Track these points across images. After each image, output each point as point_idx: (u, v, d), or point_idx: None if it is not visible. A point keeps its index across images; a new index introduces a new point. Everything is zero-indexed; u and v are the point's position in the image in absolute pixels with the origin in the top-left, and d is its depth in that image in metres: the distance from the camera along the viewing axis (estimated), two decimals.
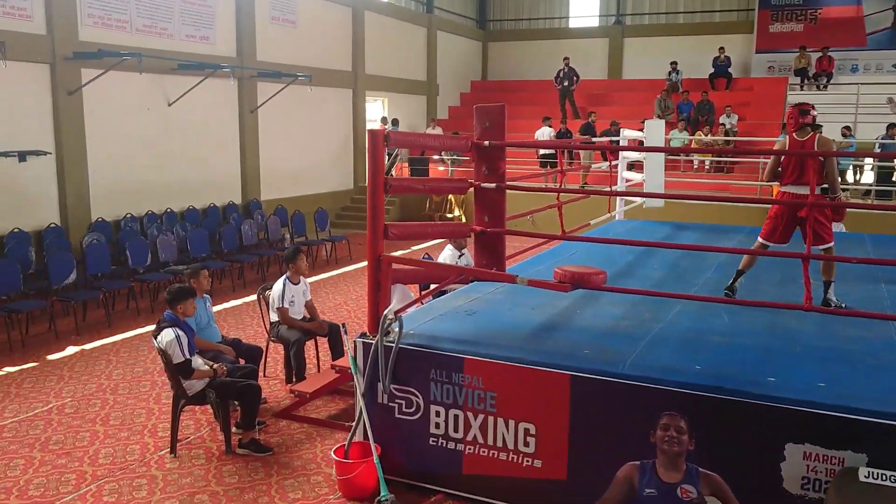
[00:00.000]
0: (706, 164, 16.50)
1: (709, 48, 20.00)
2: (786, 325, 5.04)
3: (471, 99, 21.51)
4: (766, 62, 20.63)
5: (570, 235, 5.63)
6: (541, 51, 22.39)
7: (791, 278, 6.41)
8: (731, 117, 17.26)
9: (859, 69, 19.75)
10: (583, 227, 7.78)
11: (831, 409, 3.65)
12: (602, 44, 22.39)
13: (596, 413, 4.20)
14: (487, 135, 4.72)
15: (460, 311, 5.41)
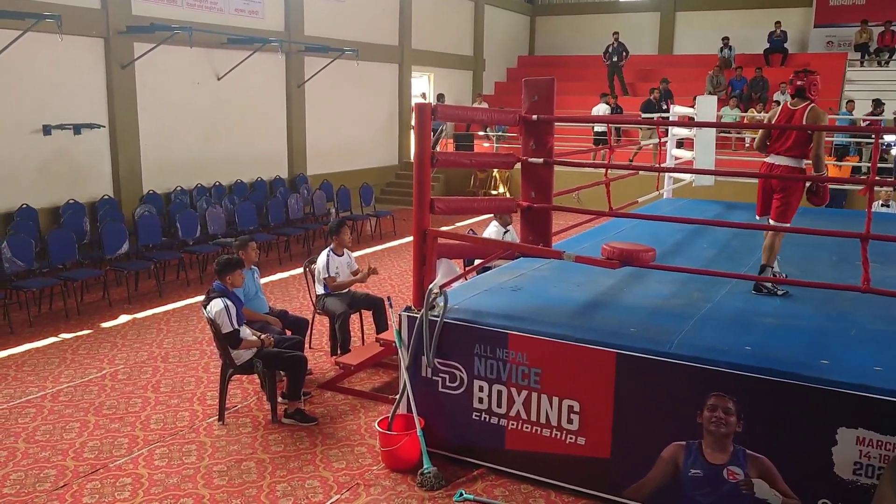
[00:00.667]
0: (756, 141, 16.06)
1: (764, 22, 19.37)
2: (840, 308, 4.91)
3: (517, 74, 21.24)
4: (825, 37, 19.91)
5: (617, 212, 5.53)
6: (589, 25, 21.97)
7: (847, 259, 6.24)
8: (785, 95, 16.74)
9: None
10: (630, 204, 7.65)
11: (887, 394, 3.55)
12: (653, 18, 21.85)
13: (641, 392, 4.15)
14: (536, 109, 4.65)
15: (505, 287, 5.39)
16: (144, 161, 11.16)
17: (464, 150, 16.53)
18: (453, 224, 13.61)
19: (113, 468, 4.76)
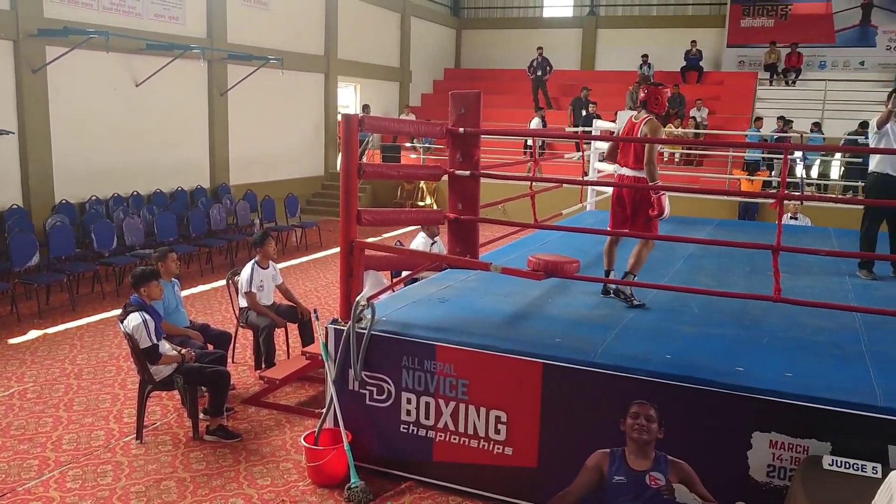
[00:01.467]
0: (676, 156, 16.65)
1: (681, 41, 20.13)
2: (754, 316, 5.11)
3: (444, 87, 21.42)
4: (737, 56, 20.85)
5: (542, 224, 5.62)
6: (514, 40, 22.34)
7: (759, 269, 6.52)
8: (701, 111, 17.43)
9: (827, 66, 20.04)
10: (555, 216, 7.79)
11: (797, 399, 3.71)
12: (576, 34, 22.42)
13: (567, 401, 4.22)
14: (462, 121, 4.69)
15: (433, 299, 5.39)
16: (57, 169, 10.70)
17: (391, 161, 16.55)
18: (380, 235, 13.56)
19: (21, 492, 4.52)
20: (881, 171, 6.49)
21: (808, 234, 9.06)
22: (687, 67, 19.83)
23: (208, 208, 11.85)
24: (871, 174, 6.64)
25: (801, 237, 8.56)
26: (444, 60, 23.06)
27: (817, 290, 5.98)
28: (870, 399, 3.69)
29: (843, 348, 4.50)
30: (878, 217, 6.62)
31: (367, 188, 16.70)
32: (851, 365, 4.19)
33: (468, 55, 23.68)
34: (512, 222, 5.49)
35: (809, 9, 20.19)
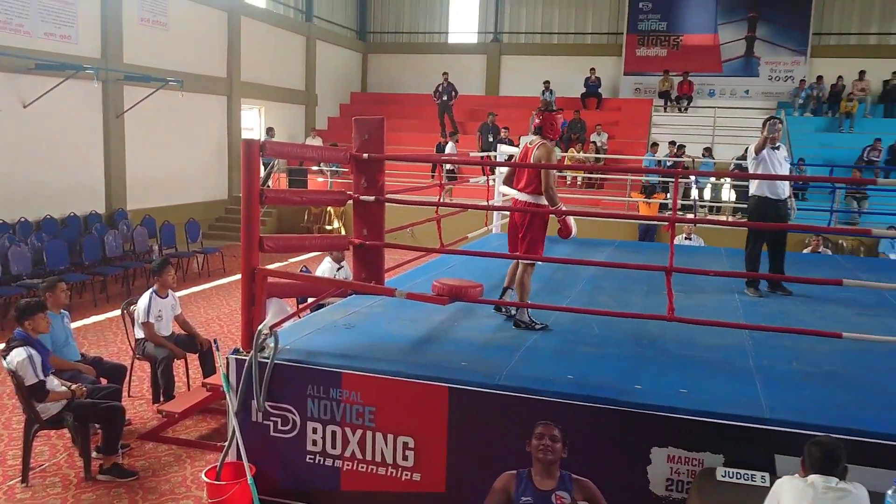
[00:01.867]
0: (578, 180, 17.16)
1: (581, 69, 20.85)
2: (651, 335, 5.29)
3: (350, 110, 21.39)
4: (634, 84, 21.77)
5: (447, 249, 5.67)
6: (420, 64, 22.59)
7: (656, 289, 6.76)
8: (601, 136, 18.06)
9: (716, 94, 21.19)
10: (461, 240, 7.88)
11: (691, 414, 3.87)
12: (480, 60, 22.88)
13: (474, 424, 4.24)
14: (366, 147, 4.69)
15: (338, 325, 5.34)
16: None
17: (297, 185, 16.35)
18: (286, 260, 13.33)
19: None
20: (760, 195, 6.88)
21: (701, 254, 9.49)
22: (587, 94, 20.54)
23: (103, 235, 11.35)
24: (751, 197, 7.02)
25: (695, 257, 8.96)
26: (350, 84, 23.05)
27: (709, 307, 6.25)
28: (757, 412, 3.88)
29: (732, 364, 4.72)
30: (760, 238, 7.01)
31: (273, 212, 16.41)
32: (740, 380, 4.40)
33: (375, 79, 23.77)
34: (417, 247, 5.51)
35: (699, 40, 21.34)
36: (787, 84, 20.59)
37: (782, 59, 20.79)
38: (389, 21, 23.78)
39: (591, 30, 22.35)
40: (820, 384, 4.38)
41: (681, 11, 21.46)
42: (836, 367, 4.69)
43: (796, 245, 12.31)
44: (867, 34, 20.52)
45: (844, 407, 3.99)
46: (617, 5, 21.87)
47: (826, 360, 4.80)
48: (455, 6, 23.34)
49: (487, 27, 23.05)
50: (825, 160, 16.24)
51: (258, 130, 18.27)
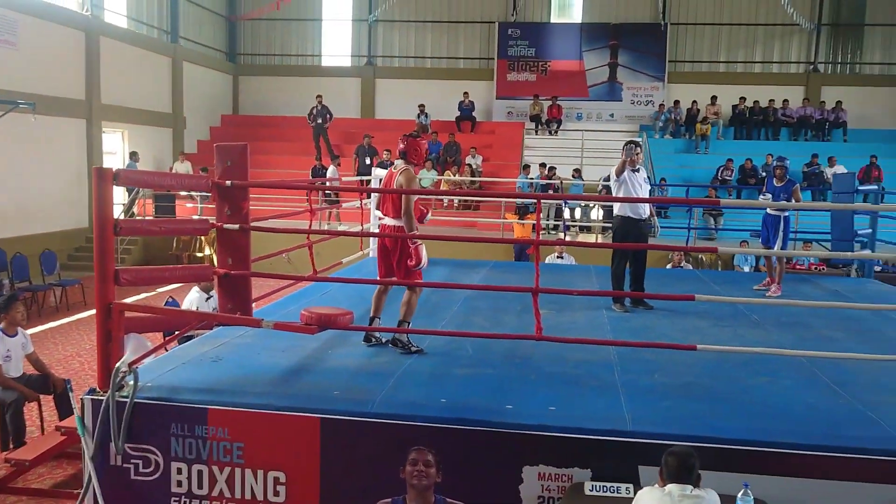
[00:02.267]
0: (455, 201, 17.43)
1: (455, 92, 21.28)
2: (523, 354, 5.39)
3: (221, 133, 20.81)
4: (506, 108, 22.42)
5: (317, 276, 5.59)
6: (294, 87, 22.32)
7: (529, 308, 6.91)
8: (476, 158, 18.45)
9: (583, 117, 22.16)
10: (335, 265, 7.78)
11: (559, 431, 3.96)
12: (355, 83, 22.89)
13: (347, 454, 4.16)
14: (229, 174, 4.56)
15: (205, 358, 5.11)
16: None
17: (165, 212, 15.69)
18: (153, 290, 12.71)
19: None
20: (623, 214, 7.23)
21: (572, 272, 9.84)
22: (461, 117, 20.96)
23: None
24: (615, 217, 7.37)
25: (566, 275, 9.28)
26: (220, 106, 22.44)
27: (579, 324, 6.46)
28: (621, 425, 4.03)
29: (599, 379, 4.88)
30: (624, 255, 7.34)
31: (139, 240, 15.66)
32: (606, 394, 4.55)
33: (247, 101, 23.26)
34: (286, 275, 5.38)
35: (565, 66, 22.29)
36: (647, 108, 21.83)
37: (642, 84, 22.04)
38: (260, 43, 23.38)
39: (464, 54, 22.88)
40: (678, 395, 4.59)
41: (548, 39, 22.38)
42: (693, 377, 4.94)
43: (660, 261, 13.01)
44: (717, 62, 22.11)
45: (700, 416, 4.21)
46: (487, 32, 22.51)
47: (685, 372, 5.05)
48: (328, 29, 23.28)
49: (361, 50, 23.12)
50: (684, 179, 17.30)
51: (121, 155, 17.43)
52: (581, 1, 22.43)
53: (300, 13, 22.65)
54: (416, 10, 22.69)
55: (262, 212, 10.72)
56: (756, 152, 17.68)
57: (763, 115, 20.24)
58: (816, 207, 13.89)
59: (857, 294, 8.33)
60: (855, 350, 5.62)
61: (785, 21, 20.11)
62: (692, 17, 21.89)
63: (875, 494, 3.79)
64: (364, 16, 22.36)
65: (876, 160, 16.94)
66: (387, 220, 5.41)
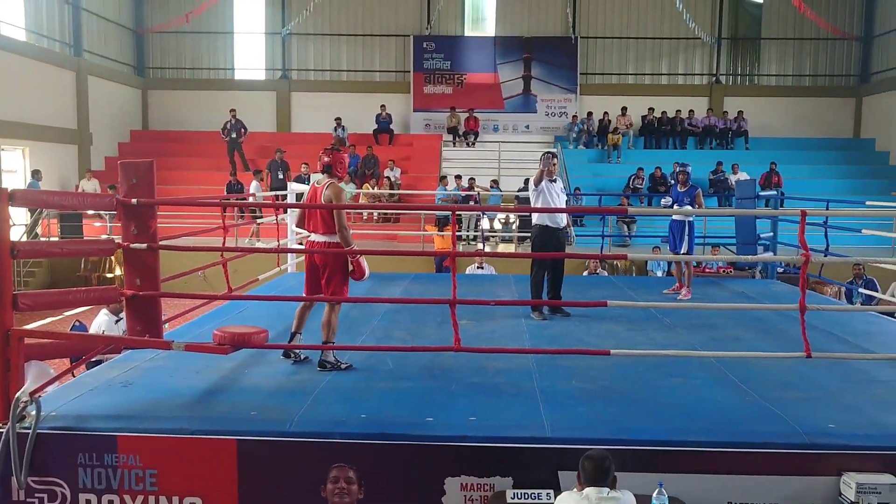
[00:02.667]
0: (374, 215, 17.37)
1: (372, 105, 21.26)
2: (443, 365, 5.41)
3: (131, 149, 20.13)
4: (424, 120, 22.53)
5: (234, 294, 5.46)
6: (206, 101, 21.78)
7: (449, 320, 6.94)
8: (394, 171, 18.45)
9: (500, 129, 22.49)
10: (251, 282, 7.63)
11: (480, 441, 3.99)
12: (270, 97, 22.56)
13: (266, 475, 4.07)
14: (135, 192, 4.41)
15: (115, 384, 4.91)
16: None
17: (71, 232, 15.05)
18: (61, 314, 12.14)
19: None
20: (542, 224, 7.36)
21: (492, 282, 9.94)
22: (379, 130, 20.94)
23: None
24: (534, 226, 7.49)
25: (485, 285, 9.37)
26: (130, 122, 21.72)
27: (498, 333, 6.53)
28: (540, 432, 4.09)
29: (518, 387, 4.93)
30: (543, 264, 7.46)
31: (44, 262, 14.96)
32: (525, 402, 4.60)
33: (158, 116, 22.58)
34: (199, 294, 5.24)
35: (481, 79, 22.60)
36: (561, 119, 22.35)
37: (556, 96, 22.55)
38: (170, 56, 22.76)
39: (380, 67, 22.89)
40: (595, 399, 4.70)
41: (462, 52, 22.65)
42: (609, 381, 5.06)
43: (577, 268, 13.30)
44: (626, 74, 22.85)
45: (615, 419, 4.31)
46: (403, 45, 22.60)
47: (601, 376, 5.17)
48: (240, 42, 22.89)
49: (275, 64, 22.81)
50: (597, 188, 17.78)
51: (22, 173, 16.64)
52: (494, 15, 22.80)
53: (211, 26, 22.19)
54: (331, 23, 22.58)
55: (175, 229, 10.47)
56: (665, 161, 18.34)
57: (671, 124, 21.04)
58: (719, 213, 14.54)
59: (761, 295, 8.73)
60: (760, 349, 5.89)
61: (688, 35, 20.98)
62: (601, 31, 22.58)
63: (782, 486, 3.97)
64: (277, 29, 22.08)
65: (776, 166, 17.83)
66: (314, 236, 5.32)
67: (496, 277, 10.88)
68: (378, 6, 22.51)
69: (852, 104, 22.41)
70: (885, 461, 3.94)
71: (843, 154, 21.22)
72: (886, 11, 21.26)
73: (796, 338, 4.76)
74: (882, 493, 3.80)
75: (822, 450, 3.99)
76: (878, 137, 21.35)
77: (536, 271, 7.44)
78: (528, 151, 19.99)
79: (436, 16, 22.14)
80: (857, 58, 22.44)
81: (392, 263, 12.97)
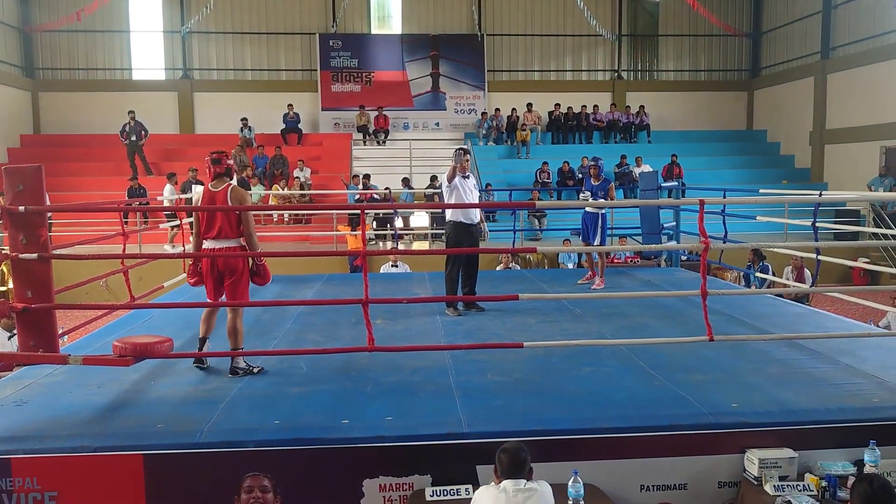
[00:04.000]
0: (285, 216, 17.04)
1: (279, 104, 20.81)
2: (359, 366, 5.35)
3: (22, 155, 19.00)
4: (333, 119, 22.24)
5: (137, 303, 5.23)
6: (103, 103, 20.78)
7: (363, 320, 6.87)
8: (304, 171, 18.14)
9: (410, 127, 22.45)
10: (156, 290, 7.35)
11: (396, 440, 3.97)
12: (171, 97, 21.76)
13: (176, 490, 3.92)
14: (22, 199, 4.14)
15: (7, 403, 4.62)
16: None
17: None
18: None
19: None
20: (456, 220, 7.38)
21: (407, 281, 9.91)
22: (287, 129, 20.55)
23: None
24: (448, 223, 7.50)
25: (400, 284, 9.34)
26: (19, 126, 20.51)
27: (413, 331, 6.51)
28: (457, 427, 4.09)
29: (435, 384, 4.93)
30: (458, 260, 7.48)
31: None
32: (442, 398, 4.60)
33: (50, 120, 21.39)
34: (98, 304, 5.00)
35: (389, 76, 22.50)
36: (471, 116, 22.51)
37: (465, 93, 22.69)
38: (62, 56, 21.60)
39: (286, 66, 22.45)
40: (510, 392, 4.74)
41: (369, 50, 22.50)
42: (523, 374, 5.12)
43: (490, 263, 13.43)
44: (532, 71, 23.24)
45: (530, 410, 4.37)
46: (308, 43, 22.25)
47: (516, 369, 5.23)
48: (137, 41, 21.98)
49: (175, 63, 22.02)
50: (508, 184, 17.99)
51: None
52: (400, 13, 22.74)
53: (105, 24, 21.20)
54: (233, 21, 21.98)
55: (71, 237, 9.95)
56: (572, 155, 18.74)
57: (576, 120, 21.53)
58: (626, 204, 14.96)
59: (666, 282, 9.04)
60: (667, 334, 6.10)
61: (590, 32, 21.50)
62: (506, 29, 22.85)
63: (690, 466, 4.12)
64: (176, 27, 21.32)
65: (676, 158, 18.51)
66: (217, 242, 5.17)
67: (411, 275, 10.85)
68: (282, 4, 22.07)
69: (744, 97, 23.53)
70: (784, 436, 4.14)
71: (737, 145, 22.26)
72: (773, 9, 22.44)
73: (700, 322, 4.94)
74: (782, 466, 3.99)
75: (727, 429, 4.16)
76: (769, 129, 22.51)
77: (451, 268, 7.44)
78: (438, 149, 20.05)
79: (341, 14, 21.89)
80: (747, 53, 23.57)
81: (305, 265, 12.76)
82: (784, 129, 21.65)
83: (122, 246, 6.72)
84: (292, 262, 12.86)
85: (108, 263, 7.79)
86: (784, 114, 21.53)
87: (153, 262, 7.58)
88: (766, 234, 15.46)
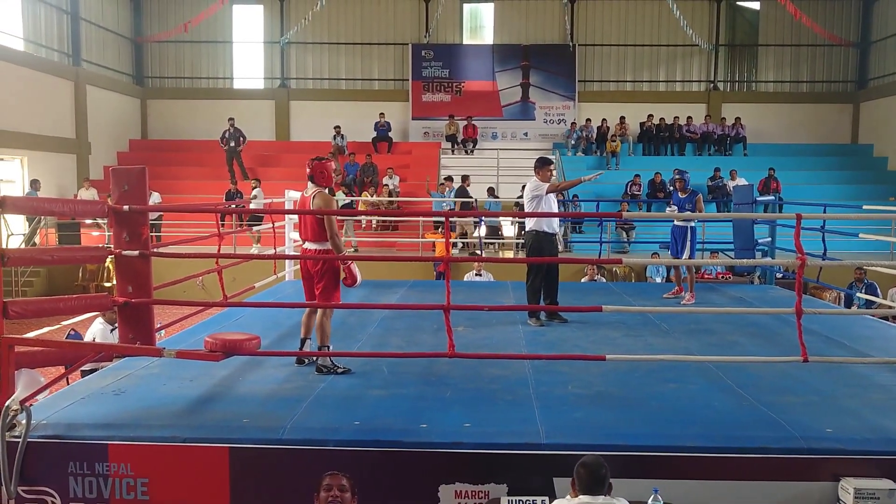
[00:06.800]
0: (373, 222, 17.34)
1: (370, 113, 21.22)
2: (439, 372, 5.38)
3: (130, 158, 20.12)
4: (422, 128, 22.52)
5: (229, 302, 5.44)
6: (205, 110, 21.78)
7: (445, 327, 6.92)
8: (393, 179, 18.43)
9: (498, 136, 22.47)
10: (247, 290, 7.61)
11: (474, 448, 3.95)
12: (268, 105, 22.56)
13: (258, 484, 4.03)
14: (126, 199, 4.38)
15: (107, 392, 4.88)
16: None
17: (69, 241, 15.07)
18: (58, 323, 12.10)
19: None
20: (539, 229, 7.33)
21: (489, 289, 9.91)
22: (377, 138, 20.93)
23: None
24: (529, 232, 7.45)
25: (482, 292, 9.35)
26: (128, 131, 21.72)
27: (494, 339, 6.49)
28: (535, 438, 4.05)
29: (514, 393, 4.90)
30: (539, 270, 7.42)
31: (42, 271, 14.94)
32: (521, 408, 4.57)
33: (156, 125, 22.58)
34: (193, 301, 5.22)
35: (479, 86, 22.60)
36: (560, 126, 22.33)
37: (554, 103, 22.55)
38: (169, 65, 22.76)
39: (378, 76, 22.89)
40: (591, 405, 4.66)
41: (460, 60, 22.67)
42: (604, 387, 5.03)
43: (575, 275, 13.28)
44: (624, 81, 22.87)
45: (611, 424, 4.28)
46: (401, 54, 22.63)
47: (597, 382, 5.14)
48: (239, 51, 22.91)
49: (274, 73, 22.82)
50: (596, 195, 17.72)
51: (21, 183, 16.64)
52: (492, 23, 22.83)
53: (210, 35, 22.22)
54: (329, 32, 22.61)
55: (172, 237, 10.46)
56: (663, 167, 18.29)
57: (669, 131, 21.02)
58: (717, 217, 14.49)
59: (759, 300, 8.70)
60: (757, 353, 5.86)
61: (685, 42, 20.99)
62: (599, 39, 22.58)
63: (779, 492, 3.93)
64: (276, 38, 22.11)
65: (774, 172, 17.80)
66: (307, 244, 5.40)
67: (494, 284, 10.85)
68: (376, 15, 22.54)
69: (850, 110, 22.40)
70: (883, 466, 3.90)
71: (840, 160, 21.19)
72: (883, 18, 21.29)
73: (794, 342, 4.73)
74: (880, 498, 3.76)
75: (820, 455, 3.95)
76: (876, 143, 21.32)
77: (533, 278, 7.39)
78: (526, 159, 19.93)
79: (434, 24, 22.17)
80: (854, 64, 22.45)
81: (391, 271, 12.96)
82: (893, 143, 20.48)
83: (217, 246, 7.00)
84: (378, 268, 13.08)
85: (203, 263, 8.14)
86: (893, 127, 20.38)
87: (246, 262, 7.88)
88: (869, 254, 14.66)
